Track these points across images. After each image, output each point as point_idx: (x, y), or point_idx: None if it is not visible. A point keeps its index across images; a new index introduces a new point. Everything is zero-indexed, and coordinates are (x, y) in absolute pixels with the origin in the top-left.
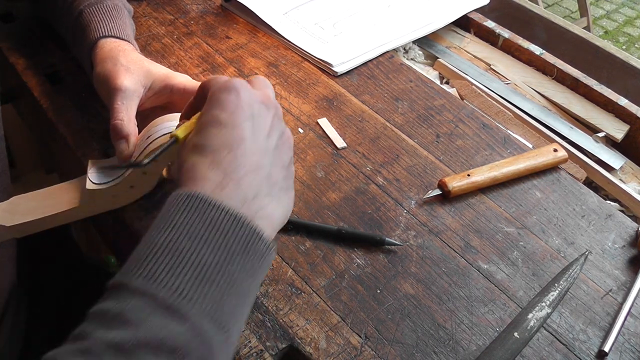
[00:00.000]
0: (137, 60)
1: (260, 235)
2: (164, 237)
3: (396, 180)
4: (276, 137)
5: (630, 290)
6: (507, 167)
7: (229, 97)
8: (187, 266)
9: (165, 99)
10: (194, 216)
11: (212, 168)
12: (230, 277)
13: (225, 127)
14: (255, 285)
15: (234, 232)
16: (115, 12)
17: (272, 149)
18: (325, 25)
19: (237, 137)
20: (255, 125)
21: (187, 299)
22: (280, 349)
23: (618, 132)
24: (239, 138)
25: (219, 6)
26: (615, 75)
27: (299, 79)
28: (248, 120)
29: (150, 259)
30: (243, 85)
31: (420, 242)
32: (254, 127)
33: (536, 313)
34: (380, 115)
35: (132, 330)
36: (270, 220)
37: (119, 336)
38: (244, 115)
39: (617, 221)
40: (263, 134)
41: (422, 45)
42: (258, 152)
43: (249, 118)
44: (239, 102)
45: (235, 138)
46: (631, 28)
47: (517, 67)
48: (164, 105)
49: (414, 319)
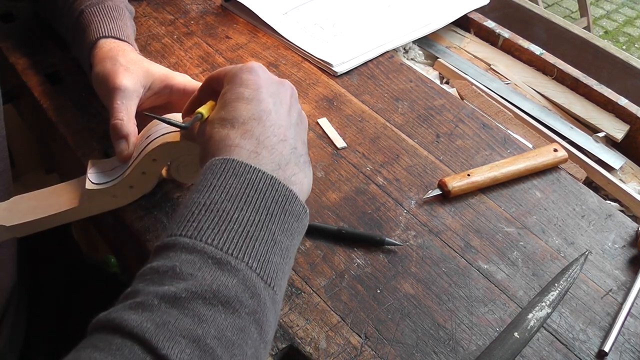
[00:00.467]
0: (137, 60)
1: (295, 196)
2: (205, 197)
3: (396, 180)
4: (296, 113)
5: (630, 290)
6: (507, 167)
7: (250, 76)
8: (232, 224)
9: (164, 99)
10: (233, 178)
11: (245, 137)
12: (272, 236)
13: (251, 102)
14: (294, 246)
15: (272, 193)
16: (116, 12)
17: (294, 124)
18: (325, 25)
19: (264, 110)
20: (277, 101)
21: (234, 255)
22: (280, 349)
23: (618, 132)
24: (266, 111)
25: (219, 6)
26: (615, 75)
27: (299, 79)
28: (271, 96)
29: (195, 218)
30: (261, 67)
31: (420, 242)
32: (276, 103)
33: (536, 313)
34: (380, 115)
35: (185, 283)
36: (300, 187)
37: (173, 288)
38: (267, 91)
39: (617, 221)
40: (285, 109)
41: (422, 45)
42: (284, 125)
43: (272, 95)
44: (260, 81)
45: (263, 110)
46: (631, 28)
47: (517, 67)
48: (163, 105)
49: (414, 319)
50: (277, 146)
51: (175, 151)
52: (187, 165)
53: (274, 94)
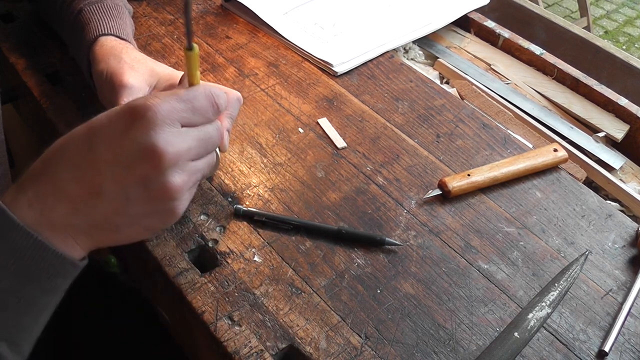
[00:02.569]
0: (141, 58)
1: (64, 257)
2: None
3: (396, 180)
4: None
5: (630, 290)
6: (507, 167)
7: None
8: None
9: None
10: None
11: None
12: (28, 299)
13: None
14: (58, 298)
15: (34, 257)
16: (115, 11)
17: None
18: (325, 25)
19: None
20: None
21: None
22: (280, 349)
23: (618, 132)
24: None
25: (219, 6)
26: (615, 75)
27: (299, 79)
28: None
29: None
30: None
31: (421, 242)
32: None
33: (536, 313)
34: (381, 115)
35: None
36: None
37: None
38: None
39: (617, 221)
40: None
41: (422, 45)
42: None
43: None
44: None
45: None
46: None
47: (517, 67)
48: None
49: (414, 319)
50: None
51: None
52: None
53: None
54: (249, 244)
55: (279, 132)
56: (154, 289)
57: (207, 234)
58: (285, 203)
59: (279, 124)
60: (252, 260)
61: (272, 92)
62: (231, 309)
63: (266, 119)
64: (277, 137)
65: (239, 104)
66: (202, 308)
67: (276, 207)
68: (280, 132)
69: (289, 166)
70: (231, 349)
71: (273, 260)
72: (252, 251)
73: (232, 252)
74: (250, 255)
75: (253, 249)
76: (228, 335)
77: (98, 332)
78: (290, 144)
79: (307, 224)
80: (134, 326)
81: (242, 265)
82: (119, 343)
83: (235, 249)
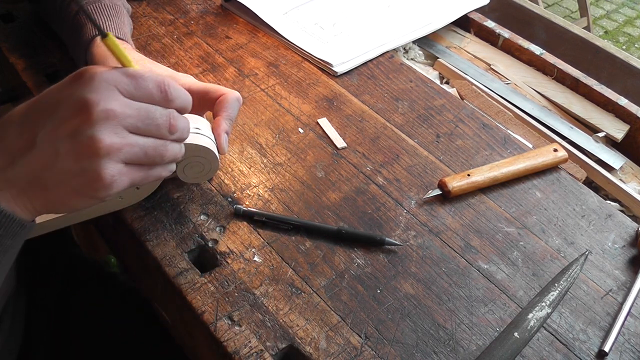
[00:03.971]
0: (140, 59)
1: (12, 217)
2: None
3: (396, 180)
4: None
5: (630, 290)
6: (507, 167)
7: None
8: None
9: None
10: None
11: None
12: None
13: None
14: (9, 258)
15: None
16: (113, 10)
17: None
18: (325, 25)
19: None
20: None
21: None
22: (280, 349)
23: (618, 132)
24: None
25: (219, 6)
26: (615, 75)
27: (299, 79)
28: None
29: None
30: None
31: (420, 242)
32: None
33: (536, 313)
34: (380, 115)
35: None
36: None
37: None
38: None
39: (617, 221)
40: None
41: (422, 45)
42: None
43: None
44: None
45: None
46: (631, 28)
47: (517, 67)
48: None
49: (414, 319)
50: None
51: (185, 152)
52: (194, 166)
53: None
54: (249, 244)
55: (279, 132)
56: (154, 289)
57: (207, 234)
58: (285, 203)
59: (279, 124)
60: (252, 260)
61: (272, 92)
62: (231, 309)
63: (266, 119)
64: (277, 137)
65: (239, 104)
66: (202, 308)
67: (276, 207)
68: (280, 132)
69: (289, 166)
70: (231, 349)
71: (273, 260)
72: (252, 251)
73: (232, 252)
74: (250, 255)
75: (253, 249)
76: (228, 335)
77: (98, 332)
78: (290, 144)
79: (307, 224)
80: (134, 326)
81: (242, 265)
82: (119, 343)
83: (235, 249)
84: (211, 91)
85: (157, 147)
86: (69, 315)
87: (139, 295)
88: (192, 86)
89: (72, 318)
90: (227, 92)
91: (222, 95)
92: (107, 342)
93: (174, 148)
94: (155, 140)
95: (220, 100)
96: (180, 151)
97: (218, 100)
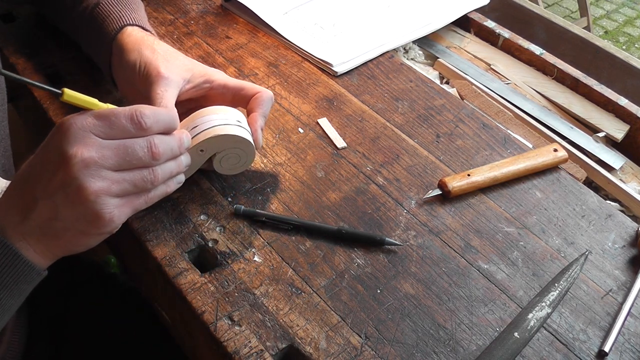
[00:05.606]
0: (173, 52)
1: (32, 266)
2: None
3: (396, 180)
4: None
5: (630, 290)
6: (507, 167)
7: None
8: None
9: (202, 92)
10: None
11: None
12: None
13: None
14: (21, 300)
15: (7, 264)
16: (134, 4)
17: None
18: (325, 25)
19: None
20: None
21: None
22: (280, 349)
23: (618, 132)
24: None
25: (219, 6)
26: (615, 75)
27: (299, 79)
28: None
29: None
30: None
31: (420, 242)
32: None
33: (536, 313)
34: (380, 115)
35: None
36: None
37: None
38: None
39: (617, 221)
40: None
41: (422, 45)
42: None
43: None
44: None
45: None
46: (631, 28)
47: (517, 67)
48: (198, 98)
49: (414, 319)
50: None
51: (223, 143)
52: (230, 157)
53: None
54: (249, 244)
55: (279, 132)
56: (154, 289)
57: (207, 234)
58: (285, 203)
59: (279, 124)
60: (252, 260)
61: (272, 92)
62: (231, 309)
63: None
64: (277, 137)
65: (272, 102)
66: (202, 308)
67: (276, 207)
68: (280, 132)
69: (289, 166)
70: (231, 349)
71: (273, 260)
72: (252, 251)
73: (232, 252)
74: (250, 255)
75: (253, 249)
76: (228, 335)
77: (98, 332)
78: (290, 144)
79: (307, 224)
80: (134, 326)
81: (242, 265)
82: (119, 343)
83: (235, 249)
84: (246, 88)
85: (145, 177)
86: (69, 315)
87: (139, 295)
88: (227, 83)
89: (72, 318)
90: (262, 91)
91: (257, 93)
92: (107, 342)
93: (165, 170)
94: (141, 170)
95: (256, 97)
96: (178, 167)
97: (253, 98)
